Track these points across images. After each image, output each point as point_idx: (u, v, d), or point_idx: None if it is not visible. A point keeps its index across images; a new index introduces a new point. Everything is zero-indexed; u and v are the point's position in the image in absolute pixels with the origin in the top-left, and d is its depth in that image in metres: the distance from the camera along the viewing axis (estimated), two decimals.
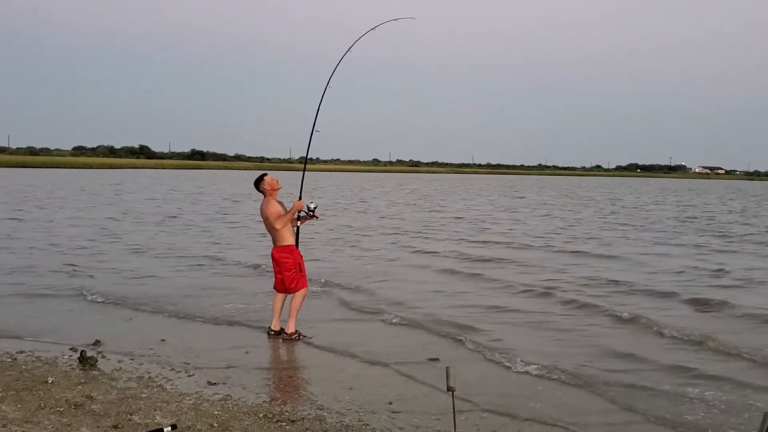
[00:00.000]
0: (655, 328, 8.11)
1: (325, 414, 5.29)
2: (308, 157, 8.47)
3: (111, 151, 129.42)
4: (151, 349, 7.14)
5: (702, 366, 6.66)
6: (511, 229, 21.67)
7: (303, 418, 5.16)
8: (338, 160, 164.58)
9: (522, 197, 46.35)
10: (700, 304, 9.61)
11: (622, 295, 10.42)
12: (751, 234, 21.31)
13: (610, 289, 10.88)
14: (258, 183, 7.66)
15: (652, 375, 6.43)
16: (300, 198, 7.65)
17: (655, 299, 10.06)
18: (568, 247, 16.59)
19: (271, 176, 7.66)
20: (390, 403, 5.60)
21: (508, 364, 6.74)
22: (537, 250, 16.07)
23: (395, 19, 8.78)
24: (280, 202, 7.61)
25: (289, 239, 7.57)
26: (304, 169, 8.18)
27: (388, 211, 29.10)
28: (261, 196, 7.69)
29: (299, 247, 7.75)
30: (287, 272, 7.55)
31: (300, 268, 7.60)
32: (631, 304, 9.54)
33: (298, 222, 7.70)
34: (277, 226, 7.44)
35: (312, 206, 7.65)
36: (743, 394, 5.90)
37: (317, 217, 7.80)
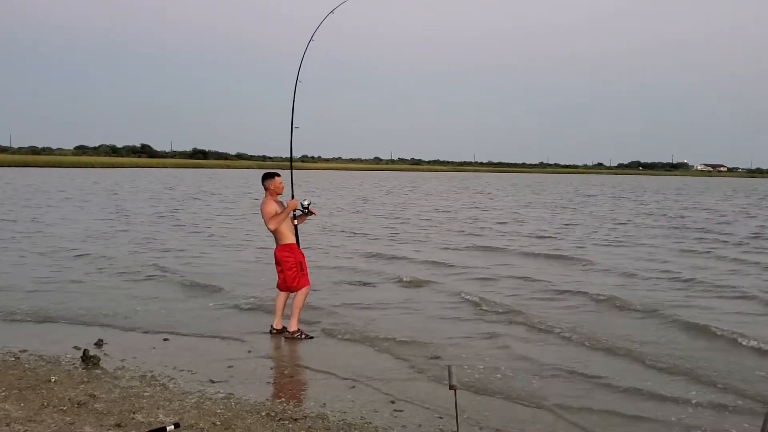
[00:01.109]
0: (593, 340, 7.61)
1: (328, 412, 5.30)
2: (310, 156, 8.52)
3: (113, 150, 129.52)
4: (154, 348, 7.16)
5: (643, 383, 6.17)
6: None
7: (305, 417, 5.16)
8: (340, 158, 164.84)
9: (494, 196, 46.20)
10: (645, 312, 9.07)
11: (561, 299, 10.03)
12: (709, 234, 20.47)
13: (543, 294, 10.39)
14: (266, 179, 7.62)
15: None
16: (292, 197, 7.63)
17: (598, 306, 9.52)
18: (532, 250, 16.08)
19: (281, 179, 7.65)
20: (392, 402, 5.61)
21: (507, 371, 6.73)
22: (484, 252, 15.51)
23: None
24: (279, 202, 7.61)
25: (289, 238, 7.57)
26: (291, 167, 8.00)
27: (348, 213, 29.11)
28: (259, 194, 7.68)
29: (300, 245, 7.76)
30: (288, 271, 7.56)
31: (301, 266, 7.59)
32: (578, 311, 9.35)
33: (295, 221, 7.68)
34: (270, 226, 7.44)
35: (305, 203, 7.64)
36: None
37: (314, 213, 7.80)
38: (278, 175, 7.65)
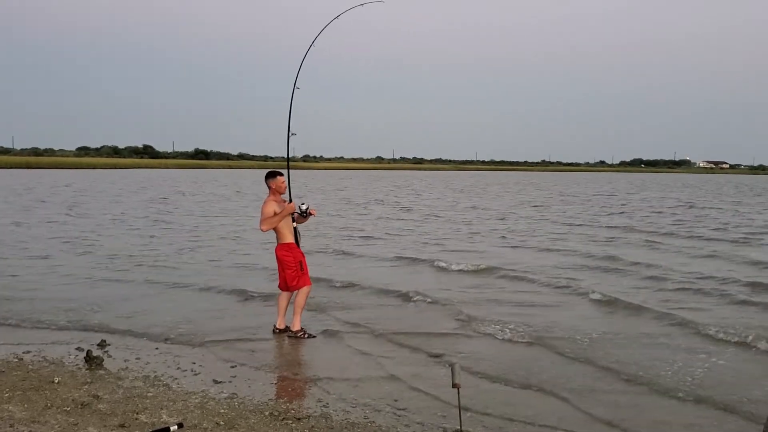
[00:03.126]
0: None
1: (331, 412, 5.30)
2: (312, 155, 8.40)
3: (115, 151, 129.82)
4: (157, 348, 7.17)
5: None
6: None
7: (309, 416, 5.17)
8: (342, 158, 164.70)
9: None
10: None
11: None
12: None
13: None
14: (268, 178, 7.65)
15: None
16: (290, 200, 7.62)
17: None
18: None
19: (284, 179, 7.65)
20: (395, 401, 5.61)
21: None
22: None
23: (361, 4, 8.36)
24: (282, 201, 7.60)
25: (288, 238, 7.57)
26: (288, 171, 7.75)
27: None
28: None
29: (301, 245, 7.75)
30: (288, 270, 7.56)
31: (301, 266, 7.60)
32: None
33: (294, 223, 7.66)
34: (262, 227, 7.47)
35: (303, 207, 7.63)
36: None
37: (313, 214, 7.78)
38: (281, 174, 7.66)
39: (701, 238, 18.01)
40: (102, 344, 7.21)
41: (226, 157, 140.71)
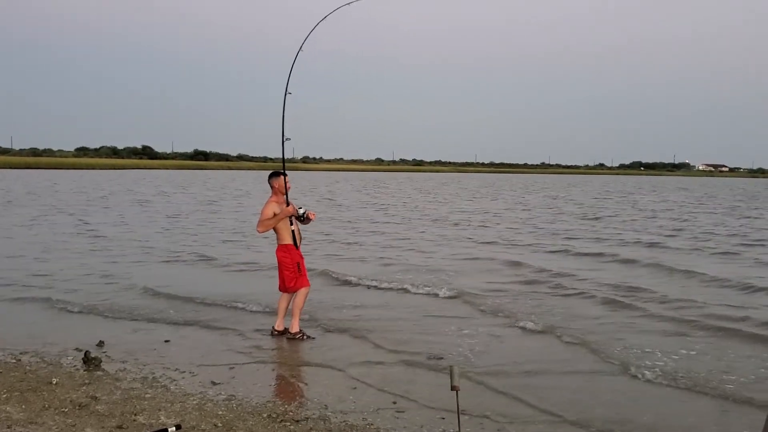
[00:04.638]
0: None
1: (329, 414, 5.29)
2: (312, 157, 8.38)
3: (114, 152, 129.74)
4: (155, 349, 7.15)
5: None
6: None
7: (307, 418, 5.16)
8: (341, 159, 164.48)
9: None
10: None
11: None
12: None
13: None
14: (271, 177, 7.67)
15: None
16: (287, 204, 7.61)
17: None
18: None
19: (287, 179, 7.63)
20: (394, 403, 5.60)
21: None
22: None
23: (348, 3, 8.22)
24: (283, 202, 7.59)
25: (286, 239, 7.57)
26: (284, 175, 7.66)
27: None
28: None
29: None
30: (286, 271, 7.56)
31: (299, 267, 7.60)
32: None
33: (292, 226, 7.66)
34: (259, 228, 7.49)
35: (301, 212, 7.63)
36: None
37: (311, 218, 7.76)
38: (284, 174, 7.66)
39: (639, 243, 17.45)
40: (100, 345, 7.20)
41: (225, 158, 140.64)
